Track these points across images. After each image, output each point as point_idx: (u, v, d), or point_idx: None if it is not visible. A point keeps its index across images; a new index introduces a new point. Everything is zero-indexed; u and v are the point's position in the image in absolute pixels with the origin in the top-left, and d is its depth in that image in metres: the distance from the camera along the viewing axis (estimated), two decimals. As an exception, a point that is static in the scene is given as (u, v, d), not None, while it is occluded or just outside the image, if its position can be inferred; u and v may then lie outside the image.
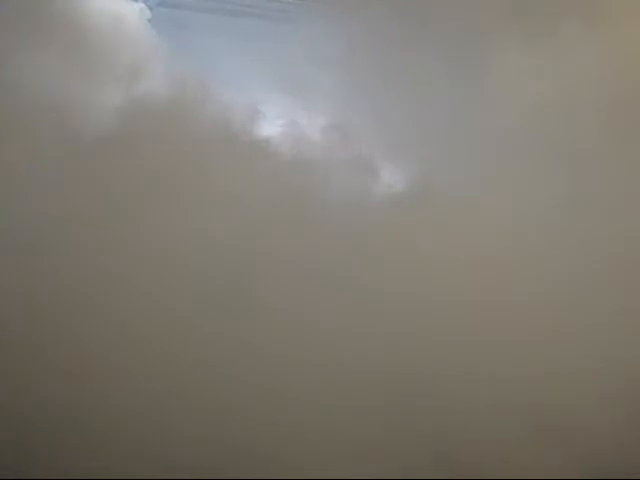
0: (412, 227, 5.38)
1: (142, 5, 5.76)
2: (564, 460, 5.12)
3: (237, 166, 5.34)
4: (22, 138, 5.14)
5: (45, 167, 5.10)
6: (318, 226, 5.33)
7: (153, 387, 4.96)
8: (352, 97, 5.82)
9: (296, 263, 5.22)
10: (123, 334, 4.99)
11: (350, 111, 5.77)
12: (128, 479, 4.77)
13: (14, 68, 5.17)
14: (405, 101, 5.79)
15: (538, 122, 5.65)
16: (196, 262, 5.15)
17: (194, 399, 4.98)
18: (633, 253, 5.48)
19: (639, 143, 5.70)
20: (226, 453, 4.90)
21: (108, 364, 4.95)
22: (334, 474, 4.92)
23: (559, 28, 5.78)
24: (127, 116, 5.27)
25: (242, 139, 5.45)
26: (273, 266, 5.20)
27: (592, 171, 5.59)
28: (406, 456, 5.06)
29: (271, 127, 5.57)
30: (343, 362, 5.15)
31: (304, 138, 5.57)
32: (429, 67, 5.72)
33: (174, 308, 5.08)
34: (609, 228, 5.51)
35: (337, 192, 5.48)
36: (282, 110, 5.67)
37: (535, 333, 5.29)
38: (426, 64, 5.72)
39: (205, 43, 5.82)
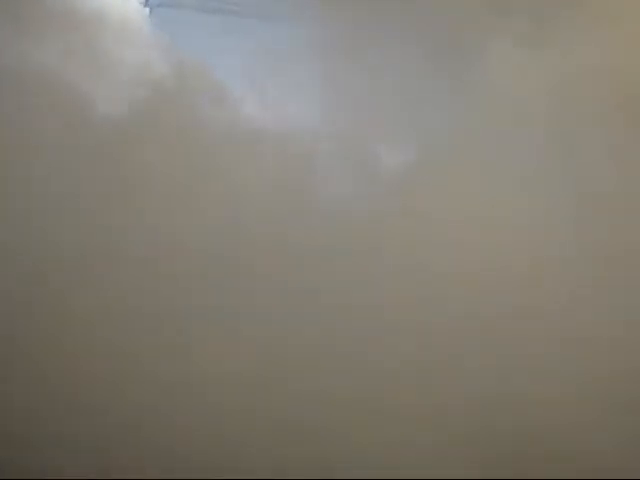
0: (410, 219, 5.40)
1: (143, 5, 5.78)
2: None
3: (236, 155, 5.41)
4: (30, 130, 5.18)
5: (48, 162, 5.12)
6: (317, 216, 5.37)
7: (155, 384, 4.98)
8: (350, 92, 5.84)
9: (295, 257, 5.25)
10: (130, 317, 5.07)
11: (346, 106, 5.79)
12: (130, 479, 4.79)
13: (22, 63, 5.23)
14: (400, 96, 5.81)
15: (532, 116, 5.66)
16: (195, 255, 5.19)
17: (196, 397, 5.00)
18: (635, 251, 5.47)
19: (636, 138, 5.69)
20: (233, 450, 4.92)
21: (113, 359, 5.01)
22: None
23: (553, 24, 5.79)
24: (127, 112, 5.32)
25: (241, 132, 5.50)
26: (272, 254, 5.25)
27: (590, 168, 5.58)
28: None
29: (270, 121, 5.60)
30: (342, 362, 5.17)
31: (301, 131, 5.60)
32: (425, 61, 5.76)
33: (172, 305, 5.13)
34: (608, 224, 5.50)
35: (334, 182, 5.54)
36: (280, 104, 5.69)
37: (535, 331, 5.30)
38: (419, 58, 5.76)
39: (204, 41, 5.84)
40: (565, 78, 5.67)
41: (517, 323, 5.26)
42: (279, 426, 5.04)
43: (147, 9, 5.76)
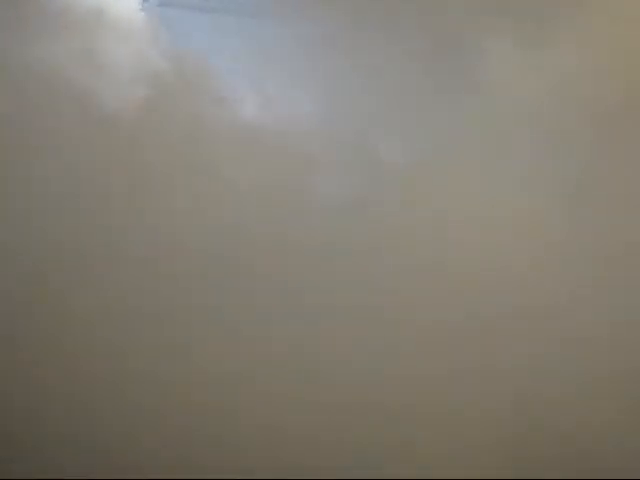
0: (410, 219, 5.41)
1: (142, 4, 5.77)
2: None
3: (236, 155, 5.40)
4: (30, 130, 5.18)
5: (48, 162, 5.13)
6: (317, 216, 5.37)
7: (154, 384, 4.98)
8: (350, 92, 5.84)
9: (295, 257, 5.26)
10: (131, 314, 5.06)
11: (346, 105, 5.80)
12: (130, 479, 4.79)
13: (22, 62, 5.23)
14: (400, 96, 5.82)
15: (532, 116, 5.67)
16: (195, 255, 5.19)
17: (195, 398, 5.00)
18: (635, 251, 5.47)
19: (632, 137, 5.69)
20: (233, 450, 4.92)
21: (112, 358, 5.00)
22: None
23: (553, 24, 5.79)
24: (127, 112, 5.31)
25: (241, 132, 5.49)
26: (272, 254, 5.25)
27: (590, 168, 5.59)
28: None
29: (270, 121, 5.60)
30: (342, 362, 5.18)
31: (301, 131, 5.60)
32: (424, 61, 5.76)
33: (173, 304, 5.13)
34: (608, 224, 5.50)
35: (334, 182, 5.54)
36: (280, 104, 5.69)
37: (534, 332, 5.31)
38: (419, 58, 5.76)
39: (204, 41, 5.83)
40: (565, 78, 5.68)
41: (517, 323, 5.27)
42: (279, 426, 5.04)
43: (146, 8, 5.76)
